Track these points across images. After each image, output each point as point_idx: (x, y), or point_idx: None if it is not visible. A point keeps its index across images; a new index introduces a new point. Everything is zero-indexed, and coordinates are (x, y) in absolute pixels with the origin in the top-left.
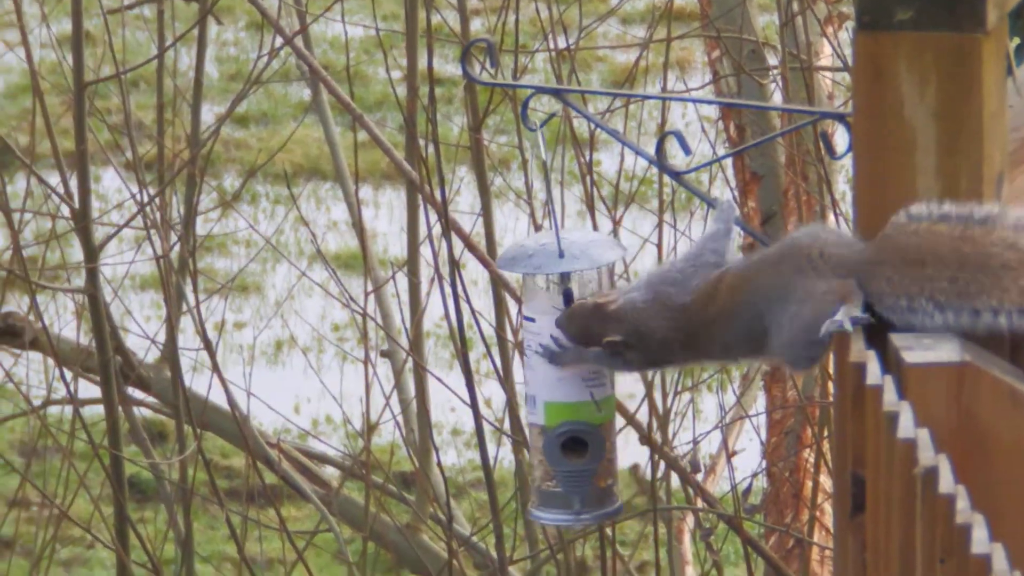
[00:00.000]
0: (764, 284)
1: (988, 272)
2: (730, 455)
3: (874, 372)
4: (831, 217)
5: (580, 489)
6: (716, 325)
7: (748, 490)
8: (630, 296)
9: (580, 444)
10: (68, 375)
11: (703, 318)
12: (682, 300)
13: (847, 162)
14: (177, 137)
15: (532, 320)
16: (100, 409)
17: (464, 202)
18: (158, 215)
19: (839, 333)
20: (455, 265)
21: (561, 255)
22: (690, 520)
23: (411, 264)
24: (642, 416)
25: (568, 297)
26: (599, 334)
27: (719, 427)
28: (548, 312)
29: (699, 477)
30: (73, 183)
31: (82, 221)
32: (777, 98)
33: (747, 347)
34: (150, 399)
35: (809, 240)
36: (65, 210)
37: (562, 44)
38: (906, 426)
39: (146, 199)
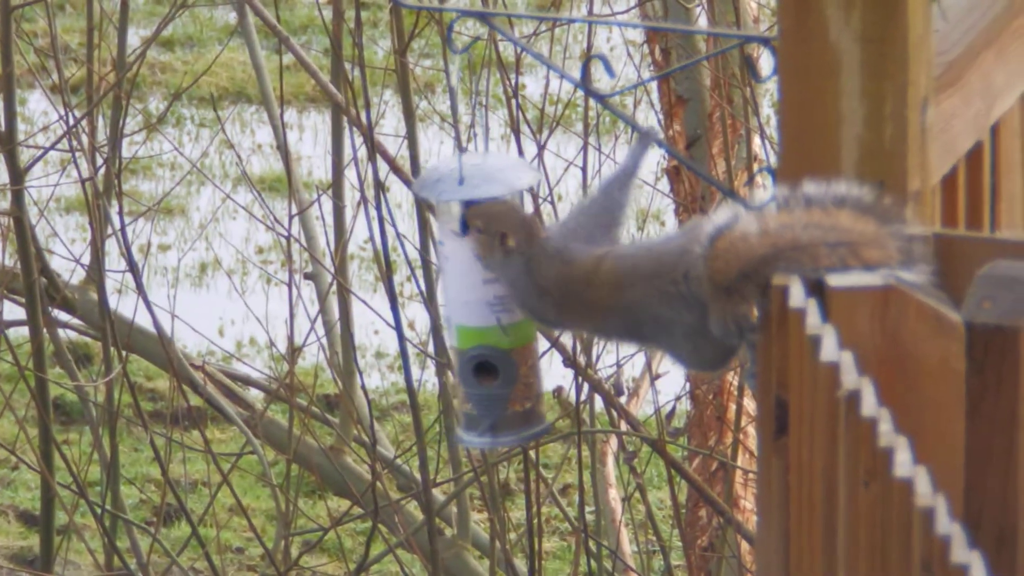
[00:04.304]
0: (638, 300)
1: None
2: (654, 378)
3: (797, 295)
4: (757, 141)
5: (493, 413)
6: (591, 312)
7: (672, 413)
8: (562, 230)
9: (491, 368)
10: None
11: (581, 297)
12: (571, 262)
13: (772, 85)
14: (103, 60)
15: (442, 244)
16: (25, 331)
17: (389, 125)
18: (84, 138)
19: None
20: (380, 188)
21: (461, 182)
22: (614, 443)
23: (336, 187)
24: (566, 339)
25: (464, 223)
26: (502, 226)
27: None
28: (454, 236)
29: (623, 400)
30: None
31: (8, 144)
32: (703, 21)
33: (624, 340)
34: (75, 321)
35: (677, 255)
36: None
37: None
38: (829, 349)
39: (72, 122)
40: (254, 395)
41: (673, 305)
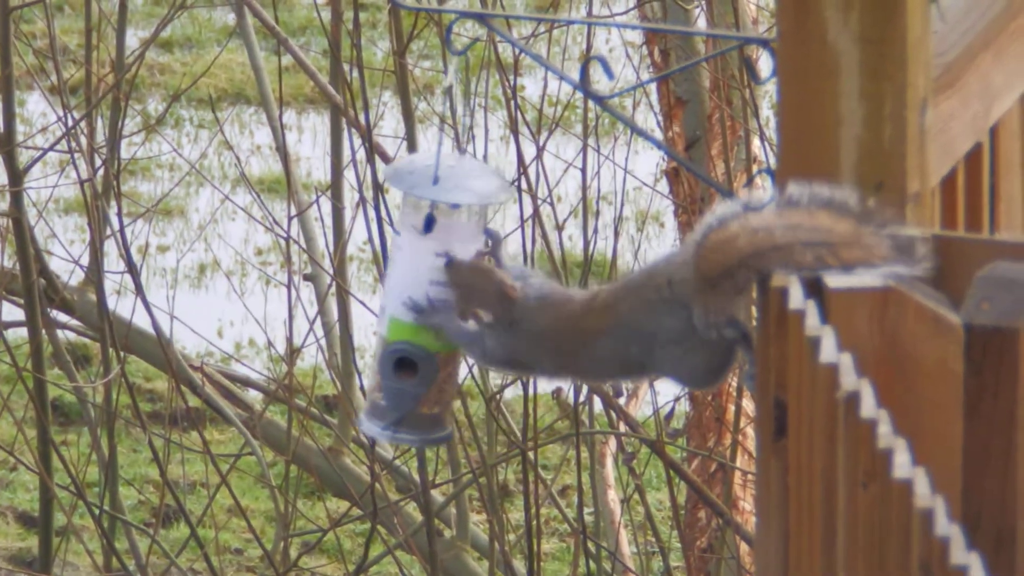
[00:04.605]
0: (626, 313)
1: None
2: (652, 379)
3: (796, 297)
4: (756, 142)
5: (401, 408)
6: (588, 339)
7: (671, 414)
8: (528, 283)
9: (412, 365)
10: None
11: (576, 328)
12: (567, 299)
13: (772, 87)
14: (102, 61)
15: (398, 234)
16: (24, 332)
17: (388, 126)
18: (83, 139)
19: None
20: (378, 189)
21: (436, 181)
22: (613, 444)
23: (335, 188)
24: None
25: (429, 222)
26: (478, 304)
27: None
28: (412, 230)
29: (621, 401)
30: None
31: (7, 145)
32: (702, 23)
33: (619, 369)
34: (74, 322)
35: (664, 264)
36: None
37: None
38: (828, 351)
39: (71, 123)
40: (253, 396)
41: (657, 312)
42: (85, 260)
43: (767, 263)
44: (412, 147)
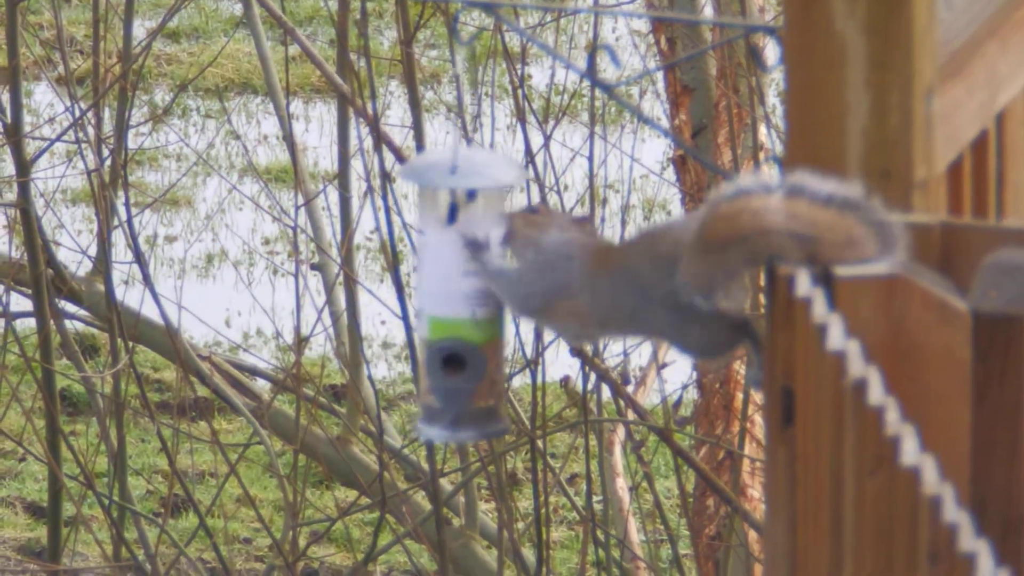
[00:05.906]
0: (631, 261)
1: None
2: (660, 367)
3: (804, 284)
4: (763, 130)
5: (456, 406)
6: (596, 274)
7: (679, 402)
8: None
9: (459, 361)
10: (0, 288)
11: (596, 256)
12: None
13: (778, 75)
14: (109, 52)
15: (422, 233)
16: (32, 322)
17: (395, 115)
18: (90, 129)
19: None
20: (386, 178)
21: (453, 171)
22: (621, 432)
23: (342, 177)
24: None
25: (453, 211)
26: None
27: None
28: (435, 225)
29: (630, 389)
30: (5, 97)
31: (14, 135)
32: (708, 11)
33: (612, 322)
34: (82, 312)
35: (681, 226)
36: None
37: None
38: (835, 338)
39: (78, 113)
40: (261, 385)
41: (660, 269)
42: (93, 250)
43: (760, 245)
44: (419, 136)
